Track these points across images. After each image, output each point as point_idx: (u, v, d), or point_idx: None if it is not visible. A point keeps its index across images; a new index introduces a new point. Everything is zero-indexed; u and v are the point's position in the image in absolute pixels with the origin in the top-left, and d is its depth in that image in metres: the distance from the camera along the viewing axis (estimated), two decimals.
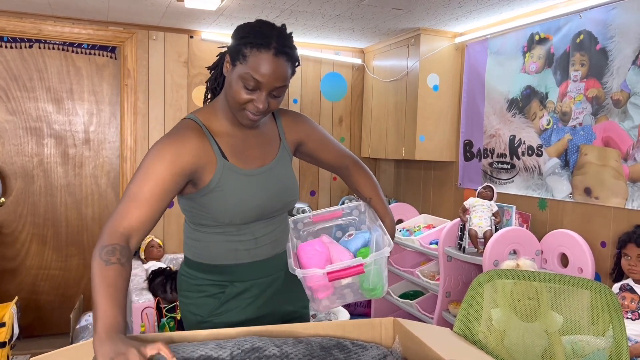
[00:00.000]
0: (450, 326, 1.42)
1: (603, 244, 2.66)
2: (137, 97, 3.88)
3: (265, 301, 1.51)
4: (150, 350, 1.02)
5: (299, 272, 1.39)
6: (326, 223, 1.69)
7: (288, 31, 1.41)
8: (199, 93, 4.04)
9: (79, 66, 3.89)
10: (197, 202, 1.43)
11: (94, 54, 3.92)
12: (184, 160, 1.34)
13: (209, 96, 1.56)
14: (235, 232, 1.45)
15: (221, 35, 3.99)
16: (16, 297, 3.04)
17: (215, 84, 1.52)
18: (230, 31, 3.85)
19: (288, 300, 1.57)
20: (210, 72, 1.56)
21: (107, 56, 3.95)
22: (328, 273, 1.37)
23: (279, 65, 1.34)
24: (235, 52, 1.35)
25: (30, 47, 3.77)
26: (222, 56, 1.50)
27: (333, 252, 1.49)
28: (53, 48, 3.82)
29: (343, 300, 1.48)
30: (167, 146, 1.34)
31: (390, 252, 1.43)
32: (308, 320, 1.65)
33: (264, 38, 1.33)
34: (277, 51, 1.34)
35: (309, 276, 1.39)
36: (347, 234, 1.63)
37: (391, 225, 1.63)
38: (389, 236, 1.50)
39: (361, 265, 1.37)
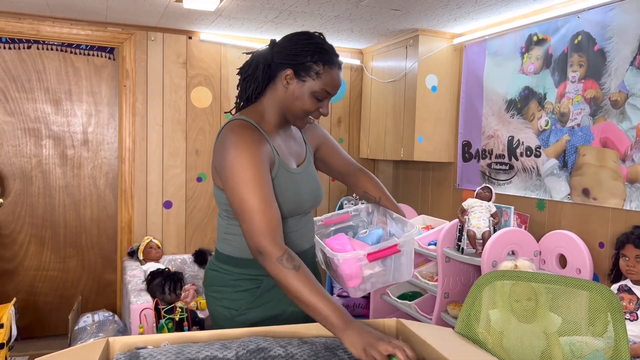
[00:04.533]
0: (449, 327, 1.43)
1: (601, 245, 2.67)
2: (136, 98, 3.88)
3: None
4: (394, 349, 1.09)
5: (340, 256, 1.44)
6: (337, 225, 1.77)
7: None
8: (197, 94, 4.04)
9: (77, 67, 3.89)
10: None
11: (93, 55, 3.91)
12: (264, 156, 1.44)
13: (242, 103, 1.62)
14: None
15: (220, 36, 3.99)
16: (14, 299, 3.04)
17: (257, 92, 1.58)
18: (229, 32, 3.89)
19: None
20: (242, 77, 1.60)
21: (105, 57, 3.94)
22: (368, 254, 1.45)
23: (341, 76, 1.54)
24: (304, 69, 1.48)
25: (29, 48, 3.77)
26: (257, 64, 1.55)
27: (355, 245, 1.57)
28: (51, 49, 3.82)
29: (373, 286, 1.55)
30: (246, 151, 1.40)
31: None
32: None
33: (331, 55, 1.51)
34: (340, 65, 1.53)
35: (346, 261, 1.45)
36: (361, 231, 1.72)
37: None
38: (410, 221, 1.60)
39: (396, 245, 1.48)
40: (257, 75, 1.55)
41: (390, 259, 1.50)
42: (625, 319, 2.22)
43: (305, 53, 1.48)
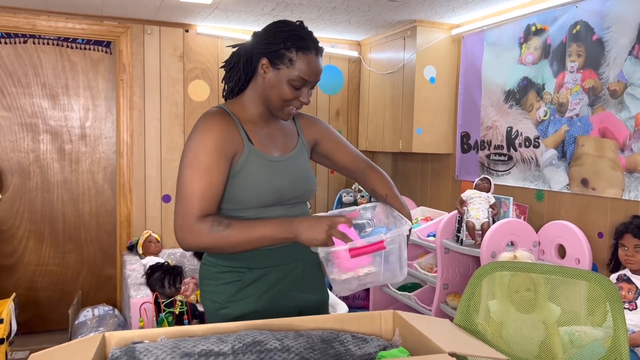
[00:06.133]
0: (448, 318, 1.43)
1: (600, 235, 2.67)
2: (133, 92, 3.86)
3: (282, 290, 1.55)
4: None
5: (321, 251, 1.40)
6: None
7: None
8: (195, 87, 4.02)
9: (74, 61, 3.87)
10: None
11: (89, 49, 3.89)
12: (226, 143, 1.44)
13: (229, 96, 1.62)
14: (255, 216, 1.48)
15: (217, 29, 3.97)
16: (14, 294, 3.05)
17: (240, 84, 1.57)
18: (226, 24, 3.88)
19: (307, 291, 1.61)
20: (226, 70, 1.60)
21: (102, 51, 3.92)
22: (350, 250, 1.39)
23: (319, 63, 1.49)
24: (278, 57, 1.46)
25: (25, 42, 3.75)
26: (240, 56, 1.55)
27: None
28: (48, 43, 3.80)
29: (360, 286, 1.49)
30: (205, 138, 1.42)
31: (409, 231, 1.50)
32: (326, 313, 1.69)
33: (305, 40, 1.46)
34: (317, 50, 1.48)
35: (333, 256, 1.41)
36: (363, 230, 1.67)
37: (407, 217, 1.68)
38: (407, 219, 1.54)
39: (382, 241, 1.40)
40: (239, 67, 1.54)
41: (380, 257, 1.43)
42: (624, 308, 2.22)
43: (278, 40, 1.45)
